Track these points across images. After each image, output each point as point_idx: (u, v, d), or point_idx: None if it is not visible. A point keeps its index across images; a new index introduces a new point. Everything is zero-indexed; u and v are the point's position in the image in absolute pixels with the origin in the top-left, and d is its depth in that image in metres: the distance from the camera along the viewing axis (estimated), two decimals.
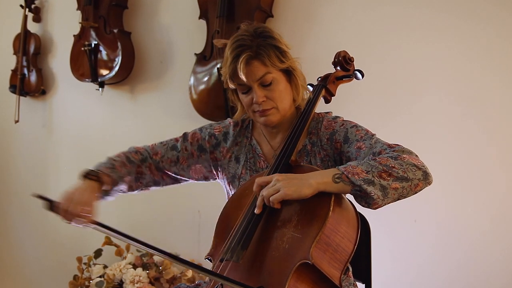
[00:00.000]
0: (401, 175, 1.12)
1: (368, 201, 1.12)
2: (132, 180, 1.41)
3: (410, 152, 1.19)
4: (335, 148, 1.33)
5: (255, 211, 1.16)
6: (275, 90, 1.28)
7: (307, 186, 1.11)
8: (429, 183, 1.17)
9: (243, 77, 1.24)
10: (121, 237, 1.21)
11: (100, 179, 1.30)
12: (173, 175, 1.45)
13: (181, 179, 1.47)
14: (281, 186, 1.11)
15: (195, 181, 1.48)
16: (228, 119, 1.48)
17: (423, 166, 1.16)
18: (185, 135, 1.47)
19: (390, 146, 1.22)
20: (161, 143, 1.46)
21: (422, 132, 2.10)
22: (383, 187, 1.10)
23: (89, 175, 1.29)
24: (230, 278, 1.10)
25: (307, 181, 1.12)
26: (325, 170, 1.17)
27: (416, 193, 1.16)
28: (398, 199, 1.15)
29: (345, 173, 1.11)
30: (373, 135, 1.29)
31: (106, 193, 1.37)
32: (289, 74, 1.31)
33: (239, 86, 1.30)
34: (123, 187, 1.40)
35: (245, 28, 1.30)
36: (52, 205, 1.25)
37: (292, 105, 1.37)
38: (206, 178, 1.48)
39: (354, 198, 1.16)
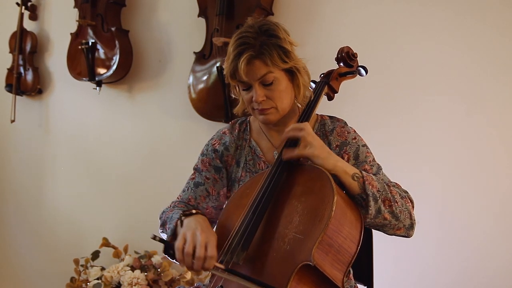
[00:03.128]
0: (396, 213, 1.21)
1: (362, 212, 1.19)
2: None
3: (412, 201, 1.28)
4: (341, 157, 1.32)
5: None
6: (275, 90, 1.27)
7: (332, 163, 1.19)
8: (409, 235, 1.26)
9: (243, 76, 1.24)
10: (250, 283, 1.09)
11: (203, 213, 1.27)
12: (214, 211, 1.42)
13: (219, 211, 1.42)
14: (314, 146, 1.18)
15: None
16: (220, 128, 1.47)
17: (414, 220, 1.25)
18: (196, 168, 1.44)
19: (396, 184, 1.31)
20: (183, 191, 1.42)
21: (425, 131, 2.09)
22: (379, 210, 1.19)
23: (192, 210, 1.24)
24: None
25: (333, 160, 1.20)
26: (349, 164, 1.24)
27: (393, 234, 1.25)
28: (377, 227, 1.24)
29: (364, 178, 1.19)
30: (379, 166, 1.35)
31: None
32: (292, 73, 1.30)
33: (240, 83, 1.29)
34: None
35: (251, 24, 1.28)
36: (169, 248, 1.13)
37: (293, 103, 1.36)
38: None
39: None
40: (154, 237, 1.11)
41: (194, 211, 1.23)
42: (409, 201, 1.26)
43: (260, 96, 1.25)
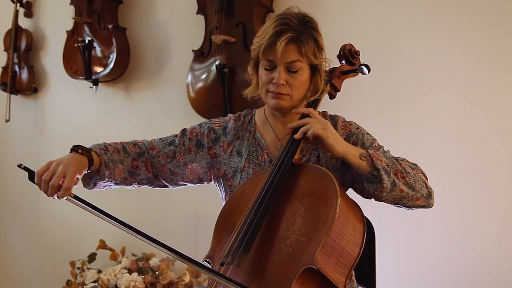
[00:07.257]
0: (411, 183, 1.22)
1: (377, 188, 1.19)
2: (125, 172, 1.36)
3: (423, 172, 1.29)
4: None
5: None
6: (297, 79, 1.28)
7: (340, 146, 1.20)
8: (429, 205, 1.27)
9: (278, 54, 1.24)
10: (101, 215, 1.21)
11: (90, 156, 1.28)
12: (168, 173, 1.41)
13: (175, 178, 1.42)
14: (327, 128, 1.20)
15: (188, 184, 1.45)
16: (229, 115, 1.47)
17: (431, 188, 1.27)
18: (183, 130, 1.45)
19: (404, 158, 1.31)
20: (160, 139, 1.45)
21: (429, 130, 2.09)
22: (394, 182, 1.19)
23: (79, 149, 1.27)
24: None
25: (341, 143, 1.21)
26: (353, 146, 1.25)
27: (414, 206, 1.25)
28: (397, 203, 1.25)
29: (371, 155, 1.20)
30: (385, 150, 1.35)
31: (95, 176, 1.33)
32: (315, 71, 1.31)
33: (267, 61, 1.29)
34: (116, 177, 1.35)
35: (295, 12, 1.31)
36: (33, 176, 1.20)
37: (304, 99, 1.36)
38: (200, 180, 1.44)
39: (365, 182, 1.22)
40: (20, 165, 1.18)
41: (81, 151, 1.27)
42: (420, 172, 1.27)
43: (282, 79, 1.26)
